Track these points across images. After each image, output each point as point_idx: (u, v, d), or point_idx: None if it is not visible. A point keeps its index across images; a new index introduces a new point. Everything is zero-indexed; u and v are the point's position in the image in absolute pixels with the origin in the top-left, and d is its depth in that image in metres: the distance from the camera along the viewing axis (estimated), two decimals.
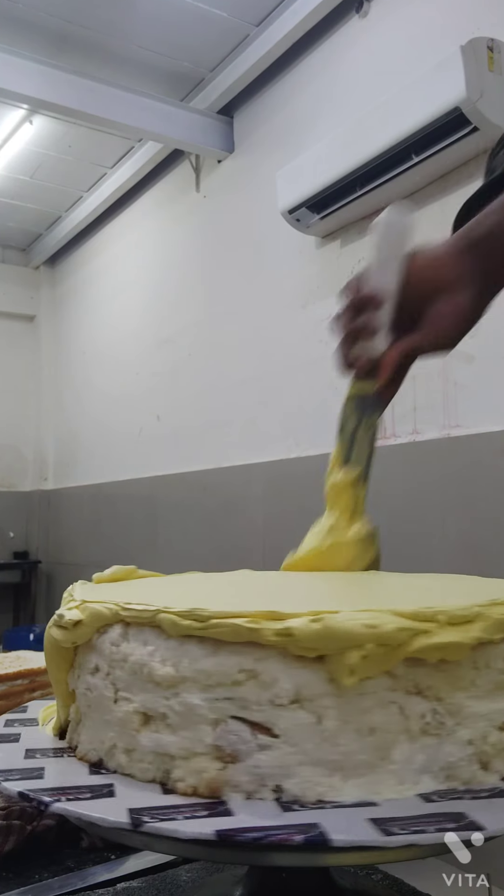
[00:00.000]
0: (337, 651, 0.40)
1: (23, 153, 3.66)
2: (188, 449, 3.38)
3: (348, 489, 0.64)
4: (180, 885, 0.59)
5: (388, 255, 0.62)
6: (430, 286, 0.63)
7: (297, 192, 2.53)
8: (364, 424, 0.65)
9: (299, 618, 0.40)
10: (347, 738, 0.40)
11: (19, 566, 4.72)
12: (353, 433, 0.65)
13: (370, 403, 0.65)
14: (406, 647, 0.40)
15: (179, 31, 2.86)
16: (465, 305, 0.64)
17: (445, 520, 2.07)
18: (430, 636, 0.40)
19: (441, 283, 0.63)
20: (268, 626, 0.40)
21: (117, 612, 0.45)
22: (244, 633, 0.40)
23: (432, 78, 2.06)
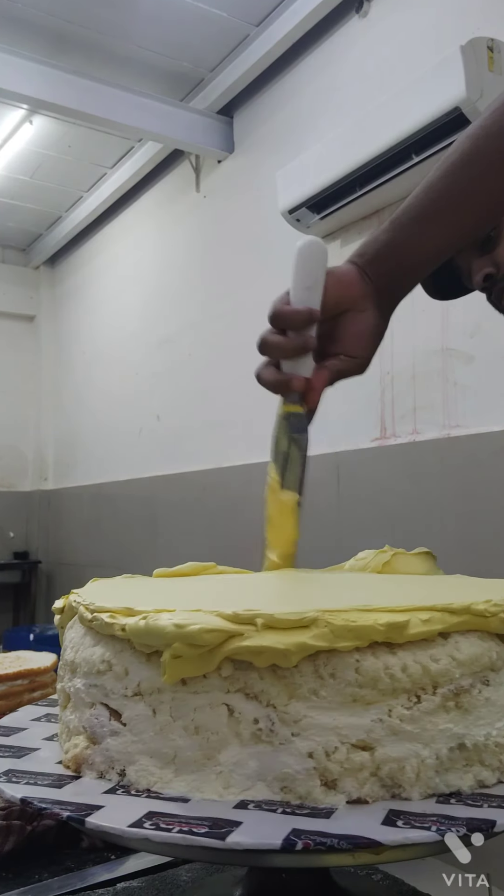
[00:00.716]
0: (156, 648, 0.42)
1: (23, 153, 3.66)
2: (188, 449, 3.38)
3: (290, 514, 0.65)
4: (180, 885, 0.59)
5: (313, 278, 0.63)
6: (339, 306, 0.65)
7: (297, 192, 2.53)
8: (294, 446, 0.66)
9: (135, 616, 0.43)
10: (176, 733, 0.41)
11: (19, 566, 4.71)
12: (286, 454, 0.66)
13: (298, 424, 0.66)
14: (220, 649, 0.40)
15: (179, 31, 2.86)
16: (372, 323, 0.66)
17: (445, 519, 2.07)
18: (243, 639, 0.40)
19: (348, 302, 0.65)
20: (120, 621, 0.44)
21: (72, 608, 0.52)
22: (104, 626, 0.44)
23: (432, 78, 2.06)
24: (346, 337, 0.66)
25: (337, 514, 2.37)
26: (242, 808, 0.39)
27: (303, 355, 0.64)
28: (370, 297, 0.66)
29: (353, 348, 0.66)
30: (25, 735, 0.53)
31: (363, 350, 0.66)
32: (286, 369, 0.65)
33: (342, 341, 0.66)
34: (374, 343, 0.67)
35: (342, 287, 0.65)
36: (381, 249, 0.66)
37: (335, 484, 2.44)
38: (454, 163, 0.65)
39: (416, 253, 0.66)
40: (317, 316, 0.63)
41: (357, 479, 2.42)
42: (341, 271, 0.66)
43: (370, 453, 2.39)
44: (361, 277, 0.66)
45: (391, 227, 0.66)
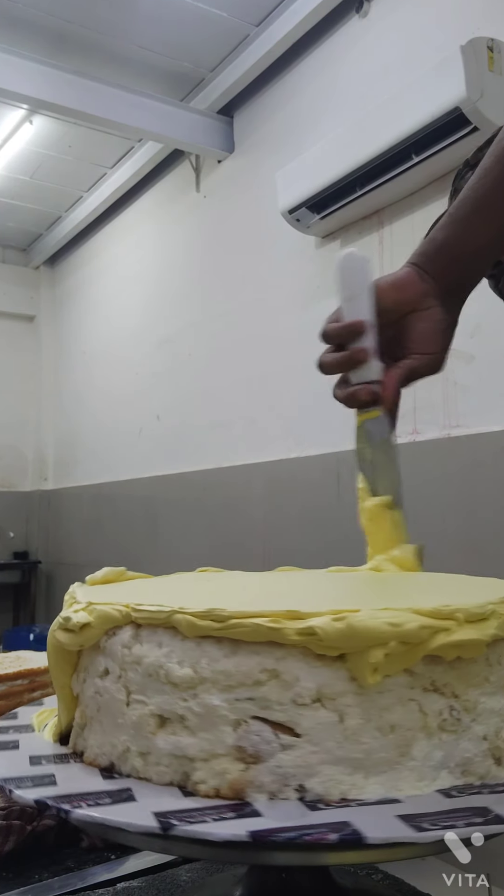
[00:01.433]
0: (359, 649, 0.40)
1: (23, 153, 3.66)
2: (188, 449, 3.38)
3: (382, 516, 0.65)
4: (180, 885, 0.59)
5: (355, 289, 0.64)
6: (400, 309, 0.65)
7: (297, 192, 2.53)
8: (379, 451, 0.66)
9: (321, 617, 0.40)
10: (369, 735, 0.40)
11: (19, 566, 4.71)
12: (372, 462, 0.66)
13: (378, 428, 0.66)
14: (426, 644, 0.41)
15: (179, 31, 2.86)
16: (438, 318, 0.66)
17: (445, 519, 2.07)
18: (450, 634, 0.41)
19: (408, 303, 0.66)
20: (289, 625, 0.40)
21: (128, 613, 0.44)
22: (265, 632, 0.40)
23: (432, 78, 2.06)
24: (414, 336, 0.66)
25: (337, 514, 2.37)
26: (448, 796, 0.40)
27: (357, 367, 0.64)
28: (433, 294, 0.66)
29: (423, 346, 0.66)
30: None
31: (434, 346, 0.66)
32: (355, 380, 0.65)
33: (411, 341, 0.66)
34: (445, 339, 0.67)
35: (398, 290, 0.65)
36: (439, 247, 0.66)
37: (335, 484, 2.44)
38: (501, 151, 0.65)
39: (473, 245, 0.66)
40: (359, 326, 0.63)
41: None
42: (397, 275, 0.66)
43: None
44: (420, 277, 0.66)
45: (447, 223, 0.67)
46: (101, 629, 0.45)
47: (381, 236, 2.46)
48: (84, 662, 0.48)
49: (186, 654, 0.42)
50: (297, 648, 0.40)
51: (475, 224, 0.66)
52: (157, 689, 0.42)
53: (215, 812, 0.38)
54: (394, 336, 0.66)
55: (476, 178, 0.66)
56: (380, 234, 2.46)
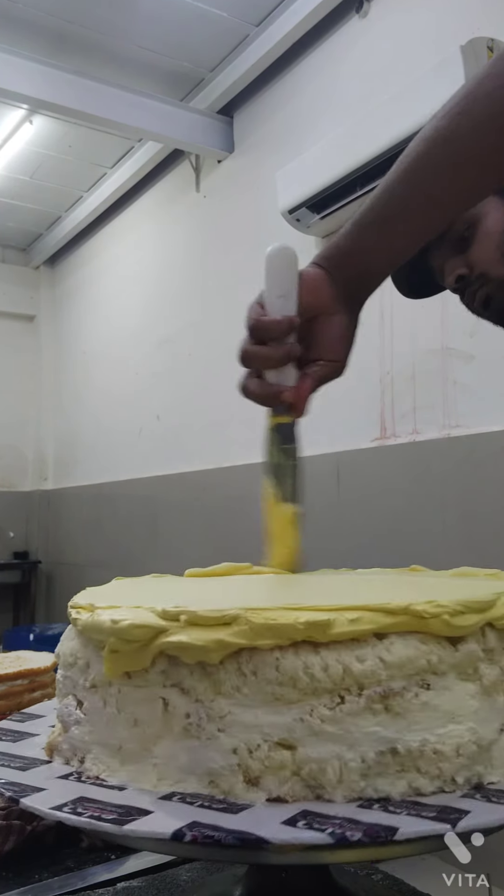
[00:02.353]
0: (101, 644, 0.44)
1: (23, 153, 3.66)
2: (188, 449, 3.38)
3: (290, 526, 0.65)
4: (180, 885, 0.59)
5: (285, 286, 0.63)
6: (312, 311, 0.65)
7: (297, 192, 2.53)
8: (286, 456, 0.66)
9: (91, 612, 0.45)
10: (121, 725, 0.43)
11: (19, 566, 4.71)
12: (278, 467, 0.66)
13: (288, 434, 0.66)
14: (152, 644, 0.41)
15: (179, 31, 2.86)
16: (344, 325, 0.66)
17: (445, 519, 2.07)
18: (168, 635, 0.41)
19: (320, 306, 0.65)
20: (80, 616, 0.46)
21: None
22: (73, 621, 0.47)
23: (432, 78, 2.06)
24: (321, 341, 0.65)
25: (337, 514, 2.37)
26: (167, 799, 0.40)
27: (287, 364, 0.64)
28: (339, 299, 0.66)
29: (330, 352, 0.66)
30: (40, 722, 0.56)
31: (340, 353, 0.66)
32: (271, 379, 0.64)
33: (319, 346, 0.65)
34: (349, 345, 0.67)
35: (312, 292, 0.65)
36: (344, 254, 0.66)
37: (335, 484, 2.44)
38: (407, 168, 0.65)
39: (377, 257, 0.66)
40: (296, 324, 0.63)
41: (357, 479, 2.42)
42: (310, 276, 0.66)
43: (370, 453, 2.39)
44: (329, 281, 0.66)
45: (352, 231, 0.67)
46: None
47: None
48: None
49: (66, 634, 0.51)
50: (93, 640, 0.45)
51: (380, 236, 0.66)
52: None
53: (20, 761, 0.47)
54: (300, 338, 0.64)
55: (381, 190, 0.65)
56: None
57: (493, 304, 0.90)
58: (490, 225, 0.87)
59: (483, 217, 0.88)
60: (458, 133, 0.63)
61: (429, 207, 0.65)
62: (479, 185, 0.65)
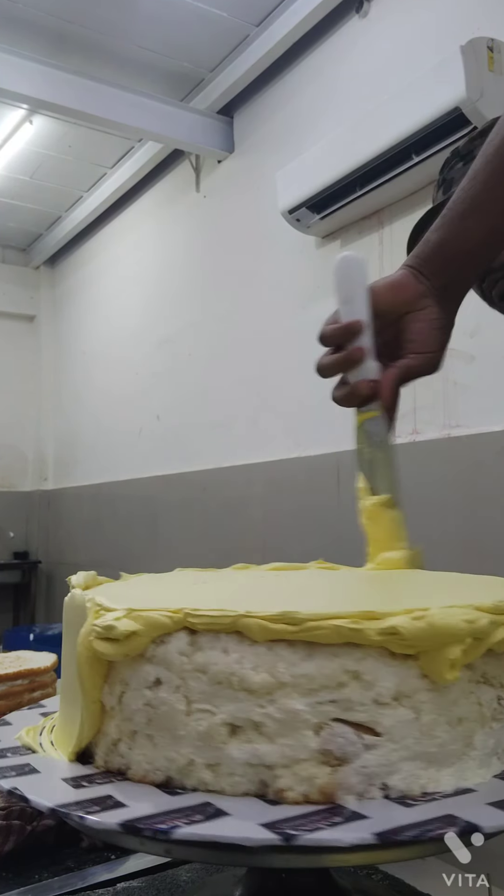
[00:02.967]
0: (437, 647, 0.41)
1: (23, 153, 3.66)
2: (188, 449, 3.38)
3: (382, 515, 0.65)
4: (180, 885, 0.59)
5: (352, 292, 0.65)
6: (396, 310, 0.66)
7: (297, 192, 2.53)
8: (378, 450, 0.66)
9: (399, 616, 0.41)
10: (441, 730, 0.42)
11: (19, 566, 4.71)
12: (371, 462, 0.67)
13: (378, 428, 0.66)
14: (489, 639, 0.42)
15: (179, 31, 2.86)
16: (434, 317, 0.67)
17: (445, 519, 2.06)
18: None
19: (405, 304, 0.66)
20: (369, 626, 0.40)
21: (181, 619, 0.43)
22: (346, 634, 0.40)
23: (432, 78, 2.06)
24: (410, 337, 0.67)
25: (337, 514, 2.37)
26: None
27: (355, 366, 0.65)
28: (429, 295, 0.67)
29: (419, 345, 0.67)
30: None
31: (430, 345, 0.67)
32: (352, 381, 0.66)
33: (408, 341, 0.67)
34: (442, 337, 0.68)
35: (394, 291, 0.66)
36: (433, 248, 0.67)
37: (335, 484, 2.44)
38: (495, 149, 0.65)
39: (466, 246, 0.67)
40: (356, 326, 0.64)
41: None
42: (393, 277, 0.67)
43: None
44: (416, 279, 0.67)
45: (440, 224, 0.67)
46: (149, 637, 0.43)
47: (381, 236, 2.46)
48: (122, 673, 0.44)
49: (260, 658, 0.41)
50: (375, 649, 0.40)
51: (467, 225, 0.66)
52: (229, 697, 0.41)
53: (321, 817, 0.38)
54: (392, 338, 0.66)
55: (467, 180, 0.66)
56: (380, 234, 2.46)
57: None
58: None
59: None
60: None
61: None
62: None
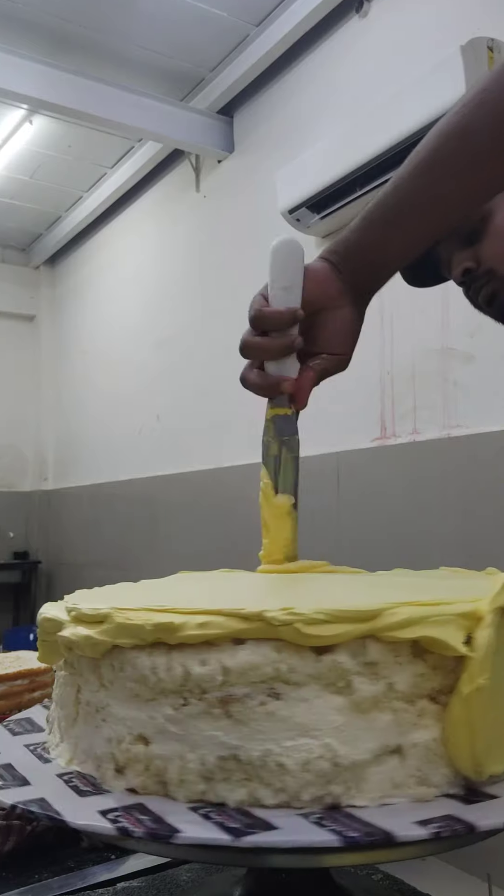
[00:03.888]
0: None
1: (23, 153, 3.66)
2: (188, 449, 3.38)
3: (286, 518, 0.65)
4: (180, 885, 0.59)
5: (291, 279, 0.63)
6: (316, 304, 0.65)
7: (297, 193, 2.53)
8: (285, 448, 0.66)
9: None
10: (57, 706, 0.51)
11: (19, 566, 4.71)
12: (277, 458, 0.66)
13: (287, 426, 0.66)
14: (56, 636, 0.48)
15: (179, 31, 2.86)
16: (349, 318, 0.66)
17: (445, 519, 2.06)
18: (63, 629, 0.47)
19: (325, 300, 0.65)
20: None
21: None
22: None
23: (432, 78, 2.06)
24: (326, 335, 0.65)
25: (337, 514, 2.37)
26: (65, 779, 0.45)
27: (288, 355, 0.63)
28: (345, 293, 0.65)
29: (334, 346, 0.66)
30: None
31: (344, 347, 0.66)
32: (271, 371, 0.64)
33: (323, 340, 0.65)
34: (354, 339, 0.67)
35: (317, 285, 0.64)
36: (352, 248, 0.66)
37: (335, 484, 2.44)
38: (420, 163, 0.64)
39: (385, 253, 0.66)
40: (300, 315, 0.62)
41: (357, 479, 2.42)
42: (315, 269, 0.65)
43: (370, 453, 2.39)
44: (336, 274, 0.65)
45: (361, 226, 0.66)
46: None
47: None
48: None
49: None
50: None
51: (389, 235, 0.65)
52: None
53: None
54: (304, 331, 0.64)
55: (393, 185, 0.65)
56: None
57: (497, 302, 0.90)
58: (501, 221, 0.87)
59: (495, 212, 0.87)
60: (474, 127, 0.62)
61: (440, 204, 0.64)
62: (494, 181, 0.64)
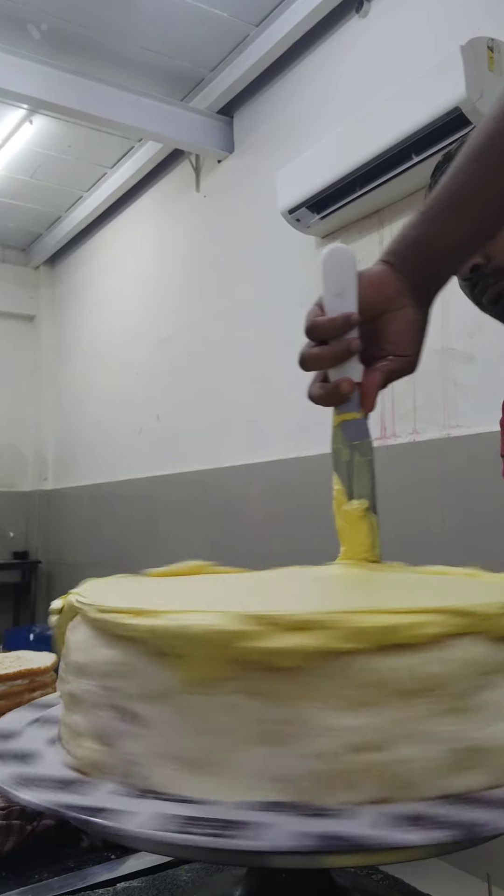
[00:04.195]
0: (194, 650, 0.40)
1: (23, 153, 3.67)
2: (188, 449, 3.38)
3: (361, 522, 0.63)
4: (180, 885, 0.59)
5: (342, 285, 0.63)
6: (377, 307, 0.64)
7: (297, 192, 2.53)
8: (357, 453, 0.64)
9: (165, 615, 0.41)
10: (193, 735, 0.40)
11: (19, 566, 4.72)
12: (349, 465, 0.64)
13: (357, 430, 0.64)
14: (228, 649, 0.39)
15: (179, 31, 2.86)
16: (412, 318, 0.65)
17: (445, 519, 2.07)
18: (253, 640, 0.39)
19: (385, 302, 0.64)
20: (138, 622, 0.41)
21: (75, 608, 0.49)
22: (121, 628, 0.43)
23: (432, 78, 2.06)
24: (389, 337, 0.64)
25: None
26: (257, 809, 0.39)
27: (346, 360, 0.62)
28: (406, 293, 0.64)
29: (399, 347, 0.65)
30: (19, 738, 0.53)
31: (410, 347, 0.65)
32: (334, 378, 0.63)
33: (387, 342, 0.64)
34: (420, 339, 0.66)
35: (374, 287, 0.64)
36: (411, 245, 0.65)
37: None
38: (476, 148, 0.63)
39: (445, 245, 0.65)
40: (355, 320, 0.61)
41: None
42: (372, 272, 0.65)
43: None
44: (395, 275, 0.64)
45: (420, 221, 0.65)
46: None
47: (382, 236, 2.46)
48: None
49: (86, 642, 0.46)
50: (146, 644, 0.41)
51: (449, 222, 0.64)
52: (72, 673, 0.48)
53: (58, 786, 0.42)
54: (368, 336, 0.64)
55: (449, 176, 0.64)
56: (380, 234, 2.46)
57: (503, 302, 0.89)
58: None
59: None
60: None
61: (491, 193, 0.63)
62: None
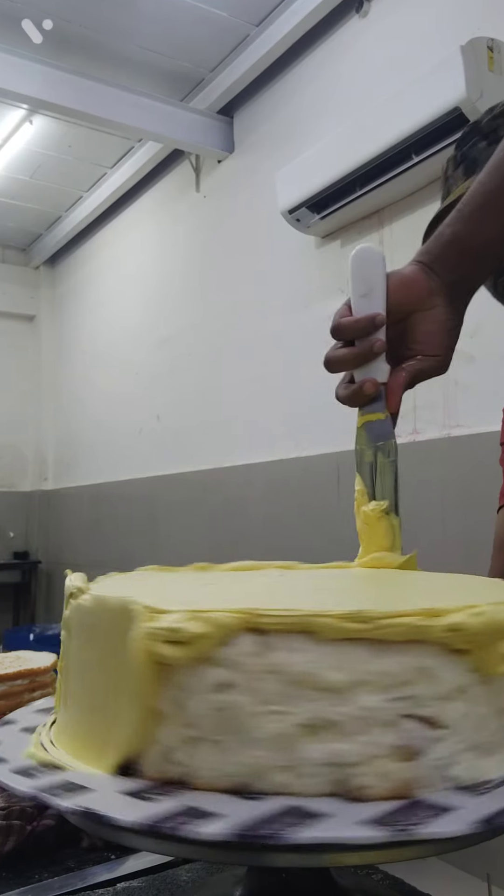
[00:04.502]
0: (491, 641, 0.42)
1: (23, 153, 3.67)
2: (188, 449, 3.38)
3: (380, 523, 0.63)
4: (180, 885, 0.59)
5: (370, 285, 0.63)
6: (406, 308, 0.63)
7: (297, 192, 2.53)
8: (381, 453, 0.64)
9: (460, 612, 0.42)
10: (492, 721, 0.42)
11: (19, 566, 4.72)
12: (373, 466, 0.64)
13: (381, 431, 0.64)
14: None
15: (179, 31, 2.86)
16: (443, 318, 0.64)
17: (445, 519, 2.07)
18: None
19: (415, 302, 0.64)
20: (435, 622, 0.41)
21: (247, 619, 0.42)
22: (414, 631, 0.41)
23: (432, 78, 2.06)
24: (418, 337, 0.64)
25: (337, 514, 2.37)
26: None
27: (371, 361, 0.62)
28: (439, 293, 0.64)
29: (428, 347, 0.64)
30: None
31: (439, 347, 0.64)
32: (359, 379, 0.63)
33: (416, 342, 0.64)
34: (450, 339, 0.65)
35: (404, 288, 0.63)
36: (446, 243, 0.65)
37: (335, 484, 2.44)
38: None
39: (482, 240, 0.65)
40: (381, 320, 0.61)
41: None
42: (403, 273, 0.64)
43: None
44: (427, 275, 0.64)
45: (455, 218, 0.65)
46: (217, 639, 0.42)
47: (382, 236, 2.46)
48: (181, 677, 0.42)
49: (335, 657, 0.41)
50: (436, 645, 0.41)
51: (485, 219, 0.64)
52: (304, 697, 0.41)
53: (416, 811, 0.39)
54: (398, 336, 0.64)
55: (485, 173, 0.64)
56: (380, 234, 2.47)
57: None
58: None
59: None
60: None
61: None
62: None
